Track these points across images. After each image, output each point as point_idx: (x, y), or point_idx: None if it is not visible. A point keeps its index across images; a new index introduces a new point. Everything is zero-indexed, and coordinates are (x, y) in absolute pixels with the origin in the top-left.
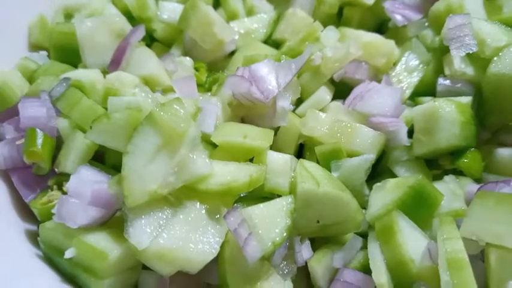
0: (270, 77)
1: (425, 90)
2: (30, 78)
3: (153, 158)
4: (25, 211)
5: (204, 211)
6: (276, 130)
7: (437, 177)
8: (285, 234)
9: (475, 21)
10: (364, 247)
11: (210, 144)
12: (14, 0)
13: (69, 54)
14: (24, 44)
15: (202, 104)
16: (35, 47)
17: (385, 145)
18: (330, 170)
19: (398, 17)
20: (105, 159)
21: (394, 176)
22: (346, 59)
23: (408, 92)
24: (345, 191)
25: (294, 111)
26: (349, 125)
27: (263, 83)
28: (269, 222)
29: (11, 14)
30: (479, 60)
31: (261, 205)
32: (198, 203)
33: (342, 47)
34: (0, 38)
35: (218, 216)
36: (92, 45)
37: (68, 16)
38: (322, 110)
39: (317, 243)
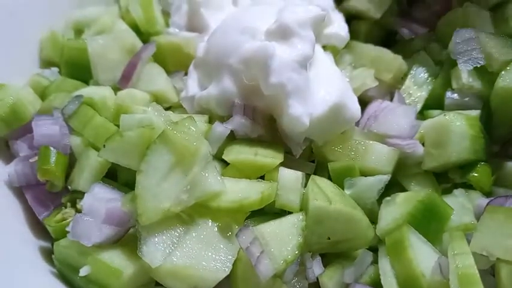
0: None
1: (433, 103)
2: (42, 94)
3: (166, 176)
4: (39, 228)
5: (216, 229)
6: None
7: (447, 191)
8: (296, 252)
9: (482, 35)
10: (375, 261)
11: (222, 161)
12: (26, 16)
13: (80, 70)
14: (36, 60)
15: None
16: (46, 63)
17: None
18: (342, 187)
19: (405, 31)
20: (117, 177)
21: (403, 189)
22: (361, 89)
23: (419, 106)
24: (357, 209)
25: None
26: (362, 142)
27: None
28: (281, 240)
29: (23, 30)
30: (486, 73)
31: (273, 222)
32: (210, 221)
33: (358, 77)
34: (11, 53)
35: (230, 233)
36: (103, 62)
37: (78, 32)
38: None
39: (328, 259)
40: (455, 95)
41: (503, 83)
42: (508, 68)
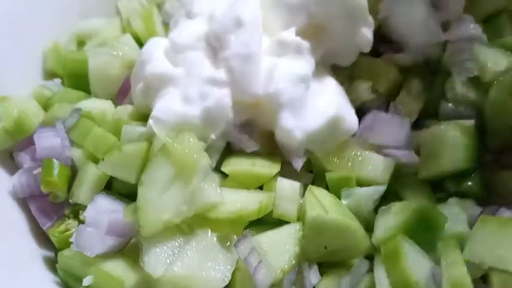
0: None
1: (429, 113)
2: (46, 105)
3: (167, 188)
4: (43, 238)
5: (215, 239)
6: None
7: (442, 200)
8: (293, 261)
9: (476, 46)
10: (371, 270)
11: (221, 173)
12: (30, 28)
13: (81, 81)
14: (39, 71)
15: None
16: (49, 74)
17: None
18: (339, 197)
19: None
20: (112, 186)
21: (399, 197)
22: (358, 101)
23: (414, 116)
24: (352, 219)
25: None
26: (359, 153)
27: None
28: (278, 249)
29: (27, 41)
30: (480, 84)
31: (270, 232)
32: (210, 231)
33: (355, 90)
34: (16, 64)
35: (229, 243)
36: (102, 78)
37: (81, 43)
38: None
39: (324, 268)
40: (450, 105)
41: (495, 93)
42: (500, 78)
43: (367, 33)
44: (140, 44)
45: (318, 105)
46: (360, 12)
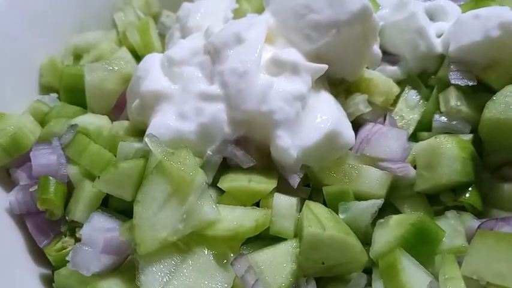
0: None
1: (426, 125)
2: (42, 120)
3: (163, 206)
4: (39, 255)
5: (212, 257)
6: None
7: (439, 213)
8: (290, 279)
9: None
10: (369, 284)
11: (218, 188)
12: (25, 41)
13: (78, 96)
14: (35, 86)
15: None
16: (45, 89)
17: None
18: (337, 211)
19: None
20: (108, 203)
21: (397, 210)
22: (355, 114)
23: (412, 129)
24: (350, 234)
25: None
26: (355, 167)
27: None
28: (275, 267)
29: (23, 56)
30: (474, 99)
31: (267, 250)
32: (206, 249)
33: (352, 103)
34: (12, 79)
35: (225, 261)
36: (99, 92)
37: (77, 57)
38: None
39: (322, 283)
40: (443, 118)
41: (489, 113)
42: (494, 98)
43: (377, 50)
44: (136, 56)
45: (315, 121)
46: (374, 30)
